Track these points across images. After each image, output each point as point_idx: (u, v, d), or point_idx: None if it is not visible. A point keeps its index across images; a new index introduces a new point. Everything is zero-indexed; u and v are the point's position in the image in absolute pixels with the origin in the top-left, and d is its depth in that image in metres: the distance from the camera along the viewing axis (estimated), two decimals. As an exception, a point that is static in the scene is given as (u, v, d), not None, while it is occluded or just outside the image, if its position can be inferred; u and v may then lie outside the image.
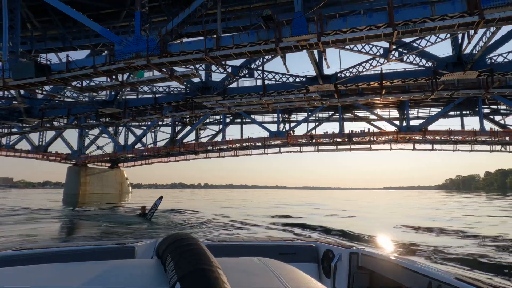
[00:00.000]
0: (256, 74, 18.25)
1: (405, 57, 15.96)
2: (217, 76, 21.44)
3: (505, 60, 17.29)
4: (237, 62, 17.53)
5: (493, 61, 18.10)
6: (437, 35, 13.34)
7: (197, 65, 15.60)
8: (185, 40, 18.50)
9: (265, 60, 17.29)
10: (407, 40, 15.62)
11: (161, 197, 15.58)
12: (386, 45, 15.22)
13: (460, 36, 17.18)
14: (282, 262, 1.11)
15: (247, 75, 18.23)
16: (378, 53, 15.09)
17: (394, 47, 14.20)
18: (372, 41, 11.99)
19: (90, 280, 0.87)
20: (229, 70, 18.19)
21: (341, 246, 2.54)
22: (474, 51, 17.12)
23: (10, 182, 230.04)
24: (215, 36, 14.54)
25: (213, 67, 17.69)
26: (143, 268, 0.99)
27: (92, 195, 44.47)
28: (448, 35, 14.45)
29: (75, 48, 18.73)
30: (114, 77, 16.86)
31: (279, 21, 12.27)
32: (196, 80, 20.46)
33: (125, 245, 2.34)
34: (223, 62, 15.07)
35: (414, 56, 16.66)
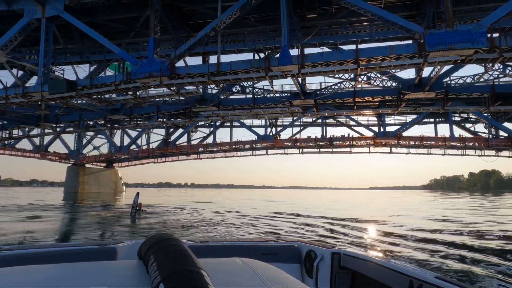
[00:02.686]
0: (247, 90, 21.24)
1: (372, 81, 19.23)
2: (212, 88, 24.27)
3: (456, 84, 20.77)
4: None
5: (448, 83, 21.62)
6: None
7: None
8: (187, 58, 21.33)
9: (255, 81, 20.33)
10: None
11: (137, 193, 17.37)
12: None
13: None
14: (265, 263, 1.13)
15: (240, 91, 21.21)
16: (349, 77, 18.30)
17: (361, 73, 17.39)
18: (341, 73, 15.14)
19: (70, 282, 0.86)
20: (224, 85, 21.09)
21: (323, 246, 2.56)
22: (432, 75, 20.55)
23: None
24: (214, 56, 17.44)
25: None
26: (125, 270, 0.98)
27: (89, 193, 46.70)
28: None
29: (90, 62, 21.36)
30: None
31: (268, 54, 15.25)
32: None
33: (106, 246, 2.33)
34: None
35: (381, 79, 19.94)
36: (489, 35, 13.91)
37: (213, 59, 19.93)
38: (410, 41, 18.31)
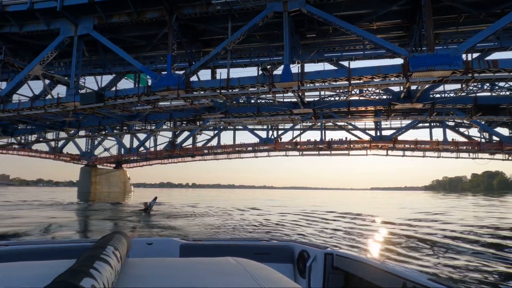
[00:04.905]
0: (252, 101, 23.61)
1: (364, 93, 21.53)
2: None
3: (442, 96, 23.10)
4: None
5: (434, 95, 23.94)
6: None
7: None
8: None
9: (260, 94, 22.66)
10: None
11: (155, 198, 20.22)
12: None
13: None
14: (258, 262, 1.13)
15: (246, 101, 23.50)
16: (343, 91, 20.57)
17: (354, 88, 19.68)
18: (335, 90, 17.42)
19: None
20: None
21: (316, 246, 2.58)
22: (419, 88, 22.83)
23: (7, 180, 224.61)
24: (222, 69, 19.69)
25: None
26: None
27: (101, 193, 49.36)
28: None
29: (111, 73, 23.72)
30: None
31: (271, 70, 17.50)
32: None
33: None
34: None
35: (373, 92, 22.24)
36: (464, 56, 16.21)
37: (222, 72, 22.27)
38: (401, 59, 20.59)
